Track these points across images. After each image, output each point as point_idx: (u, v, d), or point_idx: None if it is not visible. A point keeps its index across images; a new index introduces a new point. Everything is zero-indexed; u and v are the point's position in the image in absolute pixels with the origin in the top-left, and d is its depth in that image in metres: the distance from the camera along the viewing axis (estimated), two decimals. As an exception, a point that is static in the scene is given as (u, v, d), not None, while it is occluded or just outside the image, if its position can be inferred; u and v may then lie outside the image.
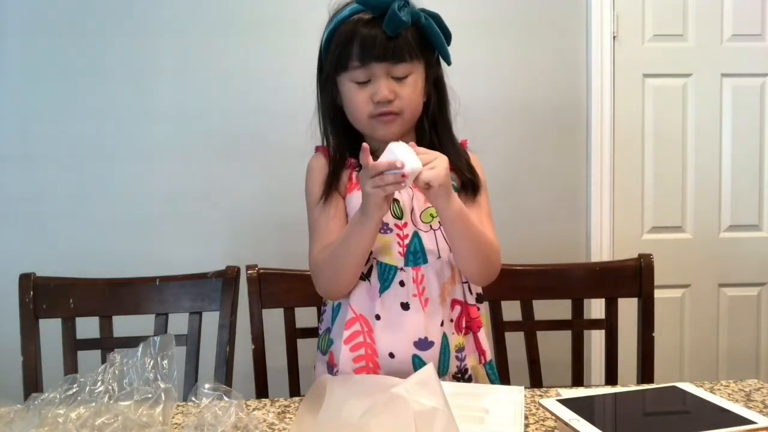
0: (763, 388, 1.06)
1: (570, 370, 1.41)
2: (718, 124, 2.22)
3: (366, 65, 1.05)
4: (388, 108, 1.07)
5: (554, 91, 2.16)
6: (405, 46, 1.05)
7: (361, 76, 1.07)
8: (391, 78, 1.06)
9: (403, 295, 1.08)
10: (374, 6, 1.05)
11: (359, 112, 1.09)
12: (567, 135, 2.18)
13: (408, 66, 1.07)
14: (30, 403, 0.87)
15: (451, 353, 1.11)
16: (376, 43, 1.04)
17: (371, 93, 1.06)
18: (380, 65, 1.05)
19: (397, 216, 1.10)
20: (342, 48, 1.07)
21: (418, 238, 1.10)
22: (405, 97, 1.07)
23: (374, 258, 1.09)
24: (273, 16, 2.09)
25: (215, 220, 2.10)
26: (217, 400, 0.87)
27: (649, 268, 1.39)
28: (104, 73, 2.06)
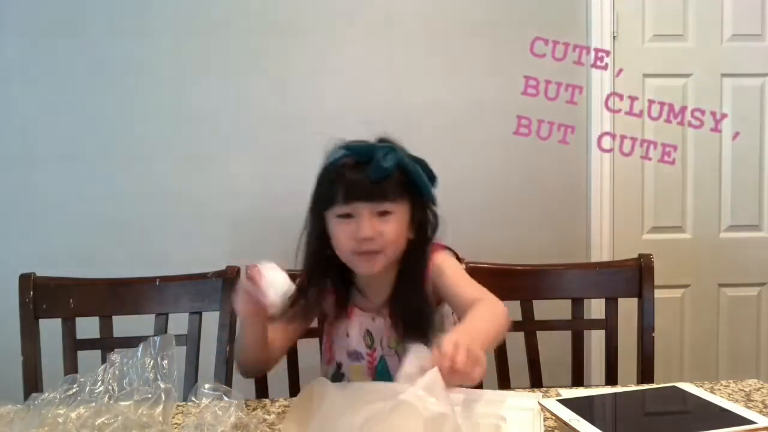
0: (763, 388, 1.06)
1: (570, 370, 1.41)
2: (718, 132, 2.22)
3: (349, 203, 1.10)
4: (369, 247, 1.10)
5: (554, 90, 2.16)
6: (388, 188, 1.10)
7: (344, 210, 1.11)
8: (375, 215, 1.10)
9: None
10: (359, 153, 1.11)
11: (342, 247, 1.13)
12: (567, 135, 2.18)
13: (391, 204, 1.11)
14: (30, 403, 0.87)
15: None
16: (360, 185, 1.09)
17: (354, 230, 1.10)
18: (364, 205, 1.10)
19: (369, 346, 1.19)
20: (328, 187, 1.12)
21: (383, 362, 1.18)
22: (387, 235, 1.11)
23: (347, 379, 1.20)
24: (273, 16, 2.09)
25: (215, 220, 2.10)
26: (217, 400, 0.87)
27: (649, 268, 1.38)
28: (104, 73, 2.06)
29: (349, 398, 0.88)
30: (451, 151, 2.08)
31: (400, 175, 1.11)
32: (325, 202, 1.13)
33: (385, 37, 2.09)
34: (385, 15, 2.09)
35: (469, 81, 2.12)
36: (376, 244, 1.10)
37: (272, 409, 1.01)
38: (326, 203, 1.13)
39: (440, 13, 2.11)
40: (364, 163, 1.10)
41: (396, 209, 1.12)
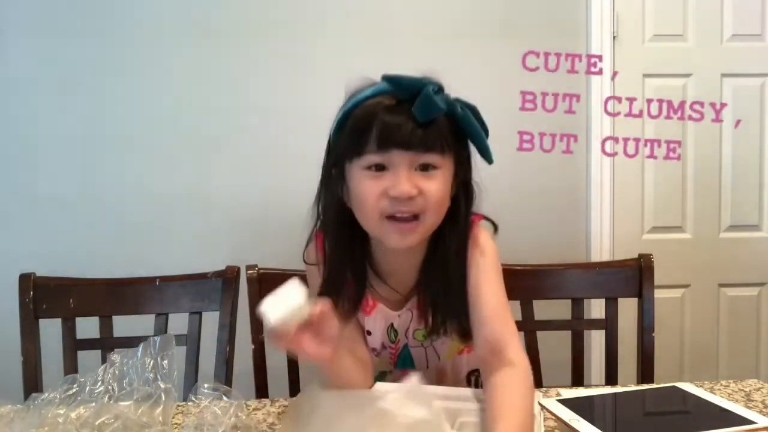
0: (763, 388, 1.06)
1: (570, 370, 1.41)
2: (719, 124, 2.22)
3: (385, 150, 0.87)
4: (407, 209, 0.87)
5: (554, 90, 2.16)
6: (435, 136, 0.88)
7: (376, 159, 0.88)
8: (415, 169, 0.88)
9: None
10: (405, 87, 0.88)
11: (371, 209, 0.89)
12: (567, 135, 2.18)
13: (437, 157, 0.89)
14: (30, 403, 0.87)
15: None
16: (402, 127, 0.86)
17: (388, 185, 0.87)
18: (403, 154, 0.87)
19: (392, 340, 1.05)
20: (358, 131, 0.89)
21: (407, 350, 1.06)
22: (431, 195, 0.88)
23: None
24: (274, 16, 2.09)
25: (215, 220, 2.10)
26: (217, 400, 0.87)
27: (649, 268, 1.38)
28: (104, 73, 2.06)
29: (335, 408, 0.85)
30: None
31: (448, 123, 0.90)
32: (350, 151, 0.90)
33: (383, 41, 2.09)
34: (384, 19, 2.09)
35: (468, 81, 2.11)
36: (415, 206, 0.88)
37: (272, 409, 1.01)
38: (351, 152, 0.90)
39: (440, 14, 2.11)
40: (405, 102, 0.87)
41: (442, 164, 0.90)
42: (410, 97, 0.87)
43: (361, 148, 0.88)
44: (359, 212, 0.92)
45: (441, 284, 0.96)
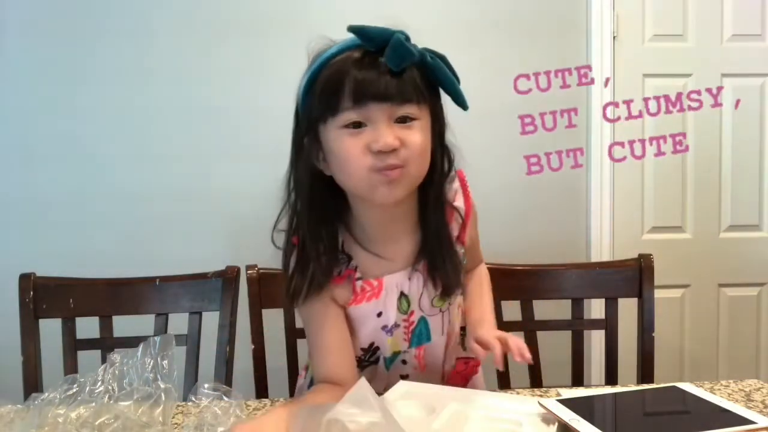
0: (763, 388, 1.06)
1: (570, 370, 1.41)
2: (718, 124, 2.22)
3: (361, 106, 0.84)
4: (391, 162, 0.85)
5: (554, 90, 2.16)
6: (412, 84, 0.86)
7: (353, 116, 0.85)
8: (393, 122, 0.86)
9: (405, 370, 1.06)
10: (373, 38, 0.85)
11: (356, 167, 0.86)
12: (567, 135, 2.18)
13: (415, 108, 0.86)
14: (30, 403, 0.87)
15: None
16: (378, 78, 0.84)
17: (369, 140, 0.85)
18: (380, 106, 0.84)
19: (404, 311, 1.00)
20: (330, 90, 0.85)
21: (424, 322, 1.02)
22: (414, 146, 0.86)
23: (381, 354, 1.04)
24: (273, 16, 2.09)
25: (215, 220, 2.10)
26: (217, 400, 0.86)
27: (649, 268, 1.38)
28: (104, 73, 2.06)
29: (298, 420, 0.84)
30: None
31: (420, 74, 0.87)
32: (324, 112, 0.86)
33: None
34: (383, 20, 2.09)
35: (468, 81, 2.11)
36: (399, 158, 0.85)
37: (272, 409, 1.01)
38: (325, 112, 0.86)
39: (440, 13, 2.11)
40: (375, 53, 0.84)
41: (419, 115, 0.87)
42: (379, 47, 0.84)
43: (336, 107, 0.85)
44: (343, 172, 0.88)
45: (439, 242, 0.96)
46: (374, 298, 0.98)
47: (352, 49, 0.87)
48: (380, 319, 1.00)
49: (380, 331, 1.01)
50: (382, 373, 1.06)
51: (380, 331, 1.01)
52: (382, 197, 0.88)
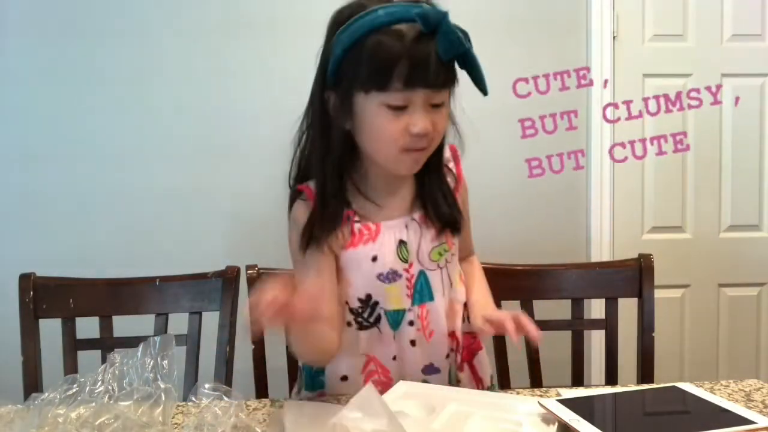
0: (763, 388, 1.06)
1: (570, 370, 1.41)
2: (718, 124, 2.22)
3: (410, 90, 0.88)
4: (423, 143, 0.92)
5: (554, 90, 2.16)
6: (452, 73, 0.92)
7: (399, 101, 0.89)
8: (429, 106, 0.91)
9: (412, 333, 1.04)
10: (430, 20, 0.87)
11: (390, 144, 0.92)
12: (567, 135, 2.18)
13: (446, 94, 0.94)
14: (30, 403, 0.87)
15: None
16: (429, 66, 0.87)
17: (408, 123, 0.90)
18: (425, 92, 0.89)
19: (404, 259, 1.02)
20: (383, 63, 0.87)
21: (424, 277, 1.03)
22: (440, 129, 0.94)
23: (381, 308, 1.03)
24: (273, 16, 2.09)
25: (215, 220, 2.10)
26: (217, 400, 0.86)
27: (649, 268, 1.38)
28: (104, 73, 2.06)
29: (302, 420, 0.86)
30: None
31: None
32: (370, 83, 0.89)
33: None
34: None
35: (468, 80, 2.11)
36: (428, 140, 0.92)
37: (272, 409, 1.01)
38: (371, 84, 0.89)
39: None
40: (427, 36, 0.87)
41: (447, 98, 0.94)
42: (433, 29, 0.87)
43: (385, 85, 0.88)
44: (373, 145, 0.95)
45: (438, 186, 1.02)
46: (371, 241, 1.01)
47: (403, 22, 0.88)
48: (375, 264, 1.01)
49: (376, 280, 1.01)
50: (389, 338, 1.03)
51: (376, 281, 1.01)
52: (406, 170, 0.98)
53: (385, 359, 1.04)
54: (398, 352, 1.04)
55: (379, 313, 1.03)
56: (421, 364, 1.06)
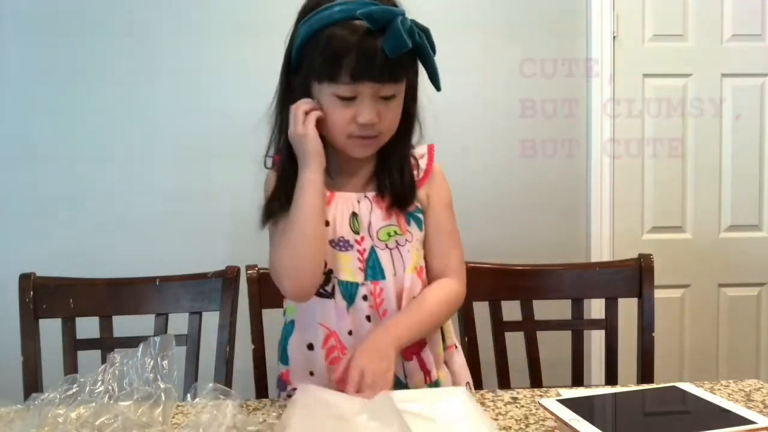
0: (763, 388, 1.06)
1: (570, 370, 1.41)
2: (719, 124, 2.22)
3: (357, 83, 0.96)
4: (368, 132, 1.00)
5: (554, 90, 2.16)
6: (401, 67, 0.97)
7: (347, 92, 0.97)
8: (377, 98, 0.98)
9: (366, 309, 1.05)
10: (377, 20, 0.92)
11: (338, 130, 1.00)
12: (567, 135, 2.18)
13: (396, 87, 0.99)
14: (30, 403, 0.87)
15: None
16: (375, 61, 0.93)
17: (355, 113, 0.98)
18: (371, 85, 0.96)
19: (355, 230, 1.06)
20: (333, 57, 0.95)
21: (375, 254, 1.06)
22: (387, 121, 1.01)
23: (335, 277, 1.06)
24: (273, 16, 2.08)
25: (215, 220, 2.10)
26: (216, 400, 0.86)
27: (649, 268, 1.38)
28: (104, 73, 2.06)
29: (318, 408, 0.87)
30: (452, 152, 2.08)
31: (407, 54, 0.96)
32: (322, 74, 0.97)
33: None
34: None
35: (468, 81, 2.12)
36: (375, 129, 0.99)
37: (272, 409, 1.01)
38: (323, 75, 0.97)
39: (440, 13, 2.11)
40: (376, 32, 0.93)
41: (398, 91, 1.00)
42: (380, 27, 0.93)
43: (334, 77, 0.96)
44: (326, 129, 1.01)
45: (394, 174, 1.06)
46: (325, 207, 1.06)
47: (357, 19, 0.94)
48: (328, 230, 1.05)
49: (329, 246, 1.05)
50: (343, 310, 1.05)
51: (329, 247, 1.05)
52: (356, 154, 1.04)
53: (342, 334, 1.06)
54: (353, 327, 1.06)
55: (334, 284, 1.06)
56: None
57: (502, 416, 0.96)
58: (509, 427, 0.92)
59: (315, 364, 1.08)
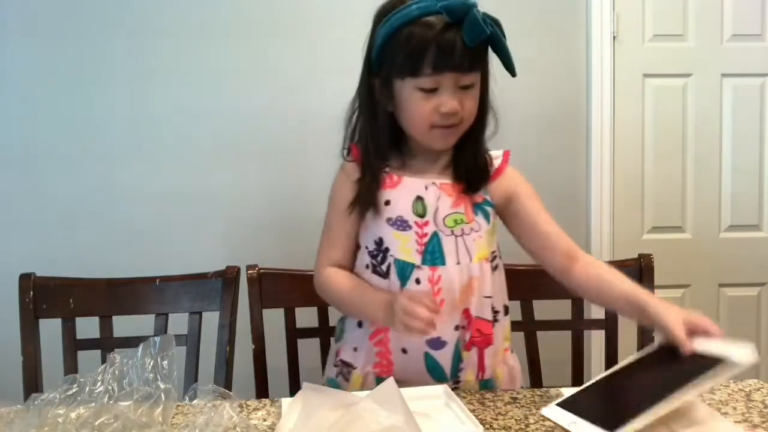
0: (763, 388, 1.06)
1: (570, 370, 1.41)
2: (718, 124, 2.22)
3: (439, 74, 1.00)
4: (450, 121, 1.03)
5: (554, 91, 2.16)
6: (480, 56, 1.03)
7: (429, 84, 1.01)
8: (458, 88, 1.02)
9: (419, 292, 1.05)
10: (455, 12, 0.97)
11: (421, 122, 1.04)
12: (567, 135, 2.18)
13: (475, 76, 1.04)
14: (30, 403, 0.87)
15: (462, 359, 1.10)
16: (455, 52, 0.98)
17: (438, 103, 1.02)
18: (452, 75, 1.01)
19: (419, 214, 1.08)
20: (414, 52, 0.99)
21: (437, 239, 1.08)
22: (468, 109, 1.05)
23: (391, 256, 1.08)
24: (273, 16, 2.09)
25: (215, 220, 2.10)
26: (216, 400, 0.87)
27: (649, 268, 1.38)
28: (104, 73, 2.06)
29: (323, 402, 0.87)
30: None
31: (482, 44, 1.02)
32: (404, 70, 1.01)
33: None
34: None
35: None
36: (456, 118, 1.03)
37: (272, 409, 1.01)
38: (405, 71, 1.01)
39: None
40: (455, 24, 0.98)
41: (477, 80, 1.04)
42: (457, 20, 0.97)
43: (417, 71, 1.00)
44: (409, 123, 1.06)
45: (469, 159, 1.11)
46: (389, 188, 1.10)
47: (434, 15, 0.99)
48: (387, 208, 1.08)
49: (385, 224, 1.08)
50: (396, 289, 1.07)
51: (386, 224, 1.08)
52: (438, 145, 1.08)
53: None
54: None
55: (390, 262, 1.08)
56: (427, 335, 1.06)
57: (502, 416, 0.96)
58: (509, 427, 0.92)
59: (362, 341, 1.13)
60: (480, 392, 1.07)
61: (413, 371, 1.08)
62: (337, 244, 1.14)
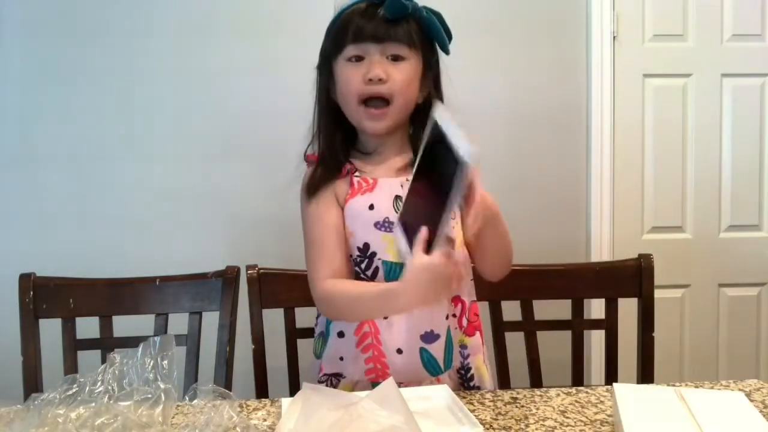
0: (763, 388, 1.06)
1: (570, 370, 1.41)
2: (718, 124, 2.22)
3: (360, 43, 1.05)
4: (378, 89, 1.05)
5: (554, 91, 2.16)
6: (402, 31, 1.05)
7: (353, 51, 1.06)
8: (386, 59, 1.05)
9: None
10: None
11: (350, 93, 1.07)
12: (567, 135, 2.18)
13: (404, 48, 1.06)
14: (30, 403, 0.87)
15: (455, 348, 1.11)
16: (374, 20, 1.04)
17: (365, 72, 1.05)
18: (375, 46, 1.05)
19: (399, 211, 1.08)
20: (338, 33, 1.07)
21: None
22: (398, 81, 1.05)
23: (379, 259, 1.07)
24: (272, 16, 2.09)
25: (215, 220, 2.10)
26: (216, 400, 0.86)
27: (649, 268, 1.38)
28: (104, 73, 2.06)
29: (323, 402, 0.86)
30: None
31: (416, 25, 1.07)
32: (334, 49, 1.08)
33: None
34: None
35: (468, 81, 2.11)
36: (385, 89, 1.05)
37: (272, 409, 1.01)
38: (336, 48, 1.08)
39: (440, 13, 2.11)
40: (377, 5, 1.05)
41: (409, 56, 1.07)
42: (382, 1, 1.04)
43: (342, 45, 1.07)
44: (343, 99, 1.09)
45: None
46: (368, 192, 1.10)
47: (362, 2, 1.07)
48: (372, 212, 1.08)
49: (373, 228, 1.08)
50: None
51: (373, 229, 1.08)
52: (370, 128, 1.09)
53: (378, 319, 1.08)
54: None
55: (377, 266, 1.08)
56: (421, 330, 1.07)
57: (502, 416, 0.96)
58: (509, 427, 0.92)
59: (348, 351, 1.11)
60: (480, 392, 1.07)
61: (409, 370, 1.07)
62: (332, 255, 1.09)
